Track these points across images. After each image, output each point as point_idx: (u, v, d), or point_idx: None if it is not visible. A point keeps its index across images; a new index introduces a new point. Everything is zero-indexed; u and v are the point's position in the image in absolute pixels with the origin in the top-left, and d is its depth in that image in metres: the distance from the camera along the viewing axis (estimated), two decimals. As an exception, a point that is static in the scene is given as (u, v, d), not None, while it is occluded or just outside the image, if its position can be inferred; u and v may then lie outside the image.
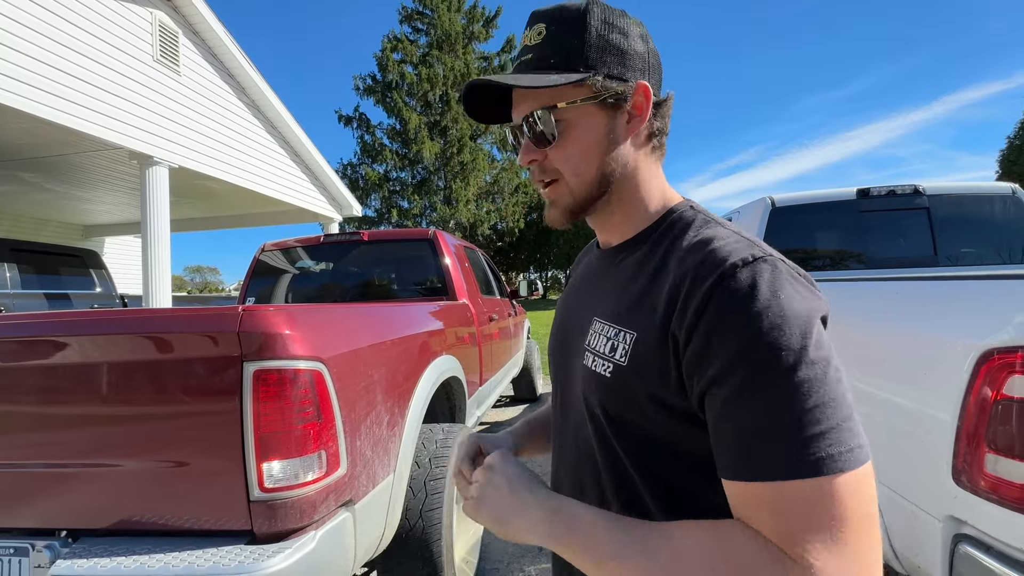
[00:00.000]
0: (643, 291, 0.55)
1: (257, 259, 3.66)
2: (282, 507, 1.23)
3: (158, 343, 1.26)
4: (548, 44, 0.56)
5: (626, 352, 0.53)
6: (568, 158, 0.57)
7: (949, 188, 2.88)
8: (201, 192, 7.41)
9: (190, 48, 6.00)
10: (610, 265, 0.63)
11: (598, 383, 0.56)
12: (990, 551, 1.07)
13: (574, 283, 0.74)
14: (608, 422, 0.56)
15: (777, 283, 0.45)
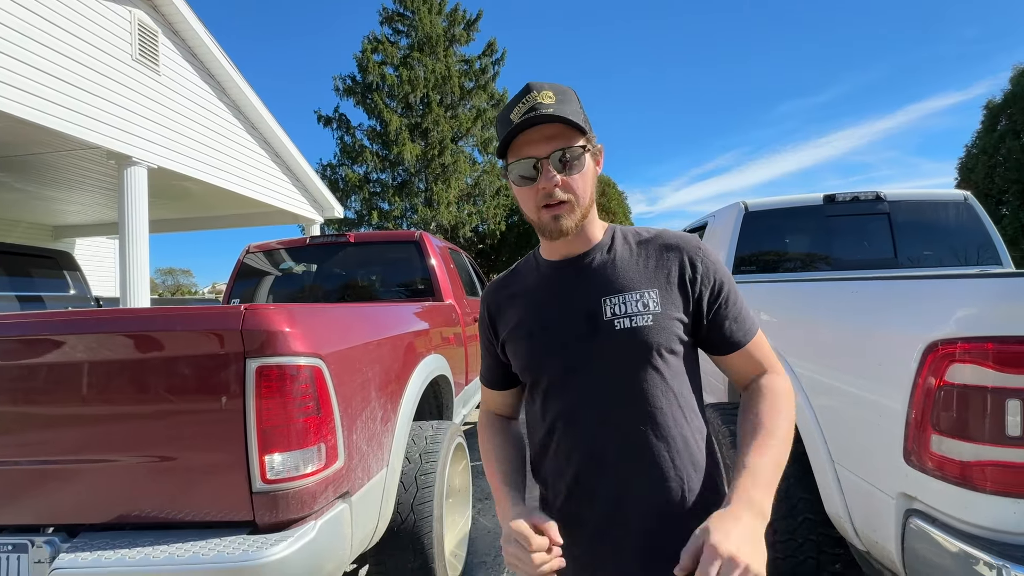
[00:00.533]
0: (645, 264, 0.85)
1: (242, 261, 3.66)
2: (283, 498, 1.29)
3: (163, 341, 1.30)
4: (564, 106, 0.78)
5: (656, 303, 0.81)
6: (579, 185, 0.81)
7: (908, 195, 3.07)
8: (178, 193, 7.29)
9: (170, 48, 5.92)
10: (581, 265, 0.87)
11: (643, 331, 0.79)
12: (935, 523, 1.19)
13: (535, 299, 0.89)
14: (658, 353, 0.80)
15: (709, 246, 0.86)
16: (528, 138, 0.79)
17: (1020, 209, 14.10)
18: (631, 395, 0.80)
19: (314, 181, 8.92)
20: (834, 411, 1.63)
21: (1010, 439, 1.06)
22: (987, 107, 15.21)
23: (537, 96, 0.78)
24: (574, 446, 0.83)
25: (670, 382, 0.81)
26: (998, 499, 1.08)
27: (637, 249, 0.86)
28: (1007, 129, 14.46)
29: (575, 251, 0.87)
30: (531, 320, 0.88)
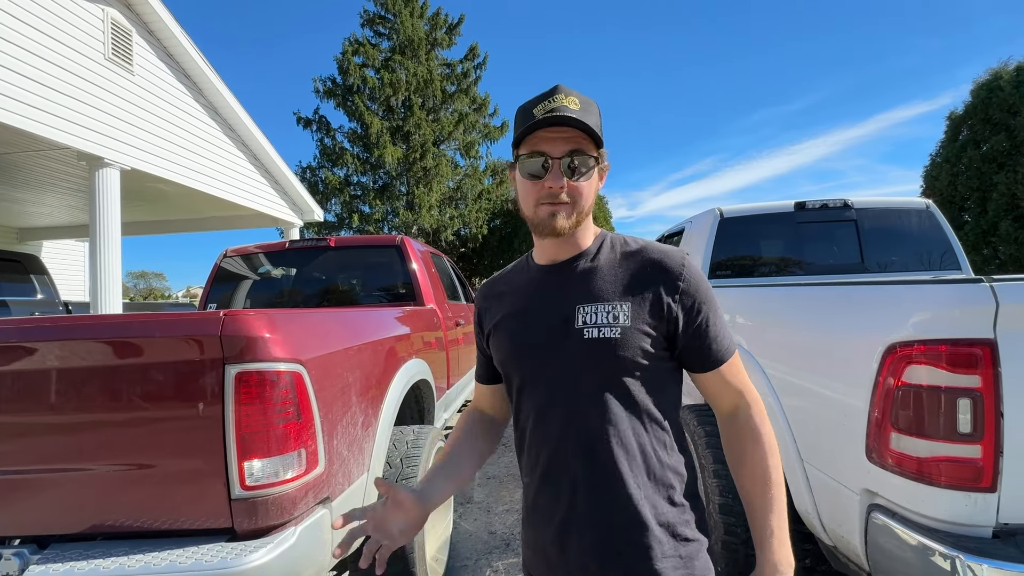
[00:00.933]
0: (624, 276, 0.85)
1: (219, 265, 3.61)
2: (263, 504, 1.28)
3: (139, 347, 1.28)
4: (587, 114, 0.82)
5: (627, 316, 0.81)
6: (584, 192, 0.84)
7: (873, 202, 3.19)
8: (153, 195, 7.13)
9: (144, 47, 5.80)
10: (566, 271, 0.89)
11: (609, 344, 0.80)
12: (896, 517, 1.25)
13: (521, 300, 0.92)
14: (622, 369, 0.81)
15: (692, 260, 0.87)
16: (546, 135, 0.82)
17: (981, 216, 14.71)
18: (593, 403, 0.82)
19: (293, 184, 8.82)
20: (803, 411, 1.69)
21: (961, 436, 1.12)
22: (950, 118, 15.84)
23: (563, 99, 0.81)
24: (542, 444, 0.86)
25: (635, 394, 0.82)
26: (951, 493, 1.14)
27: (620, 260, 0.87)
28: (968, 139, 15.09)
29: (562, 256, 0.89)
30: (513, 318, 0.91)
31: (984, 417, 1.10)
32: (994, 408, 1.10)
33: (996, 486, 1.11)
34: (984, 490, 1.11)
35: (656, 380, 0.84)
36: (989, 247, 14.77)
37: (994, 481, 1.11)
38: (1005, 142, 14.23)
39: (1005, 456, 1.11)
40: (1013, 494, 1.11)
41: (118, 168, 5.30)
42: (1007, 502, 1.11)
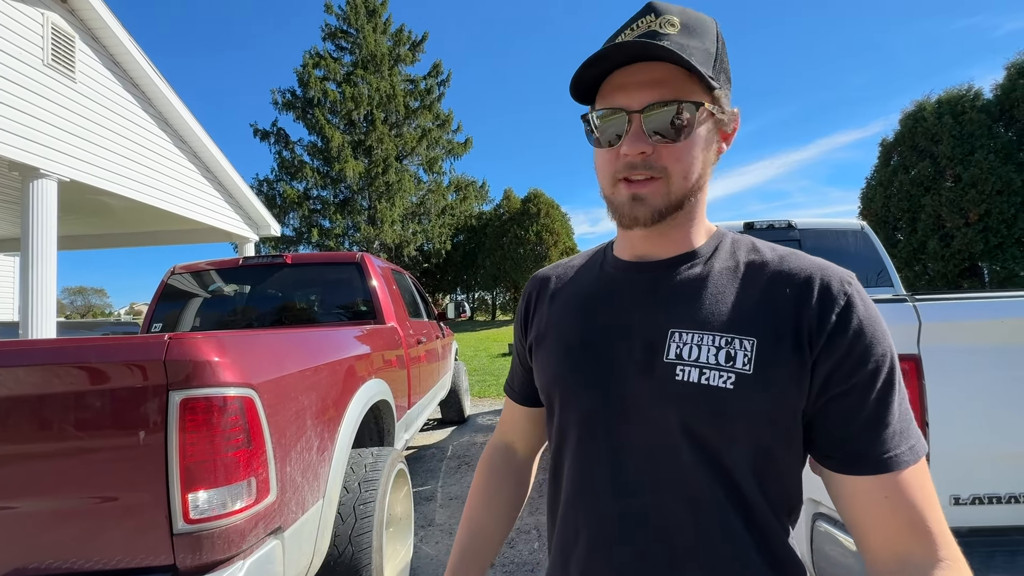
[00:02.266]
0: (751, 298, 0.55)
1: (165, 282, 3.44)
2: (208, 538, 1.22)
3: (76, 374, 1.21)
4: (688, 38, 0.54)
5: (748, 359, 0.52)
6: (681, 159, 0.55)
7: (814, 223, 3.40)
8: (95, 208, 6.75)
9: (88, 54, 5.54)
10: (667, 278, 0.60)
11: (714, 397, 0.52)
12: (837, 524, 1.32)
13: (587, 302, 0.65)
14: (726, 438, 0.53)
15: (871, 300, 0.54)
16: (623, 80, 0.56)
17: (912, 235, 15.89)
18: (670, 480, 0.55)
19: (248, 197, 8.54)
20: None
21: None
22: (882, 144, 17.14)
23: (656, 22, 0.55)
24: (583, 520, 0.60)
25: (739, 483, 0.53)
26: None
27: (745, 271, 0.58)
28: (898, 164, 16.34)
29: (658, 253, 0.62)
30: (572, 329, 0.64)
31: (912, 428, 1.18)
32: (920, 419, 1.18)
33: (924, 492, 1.19)
34: (914, 496, 1.19)
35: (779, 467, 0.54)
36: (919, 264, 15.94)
37: (922, 488, 1.19)
38: (930, 167, 15.49)
39: (931, 464, 1.19)
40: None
41: (55, 179, 5.00)
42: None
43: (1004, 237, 14.56)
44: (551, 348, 0.66)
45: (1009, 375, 1.22)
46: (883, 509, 0.49)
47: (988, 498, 1.20)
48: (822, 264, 0.56)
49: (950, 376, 1.19)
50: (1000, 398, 1.21)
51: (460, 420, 5.63)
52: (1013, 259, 14.55)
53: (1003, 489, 1.20)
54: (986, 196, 14.55)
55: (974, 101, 15.31)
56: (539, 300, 0.73)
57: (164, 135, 6.76)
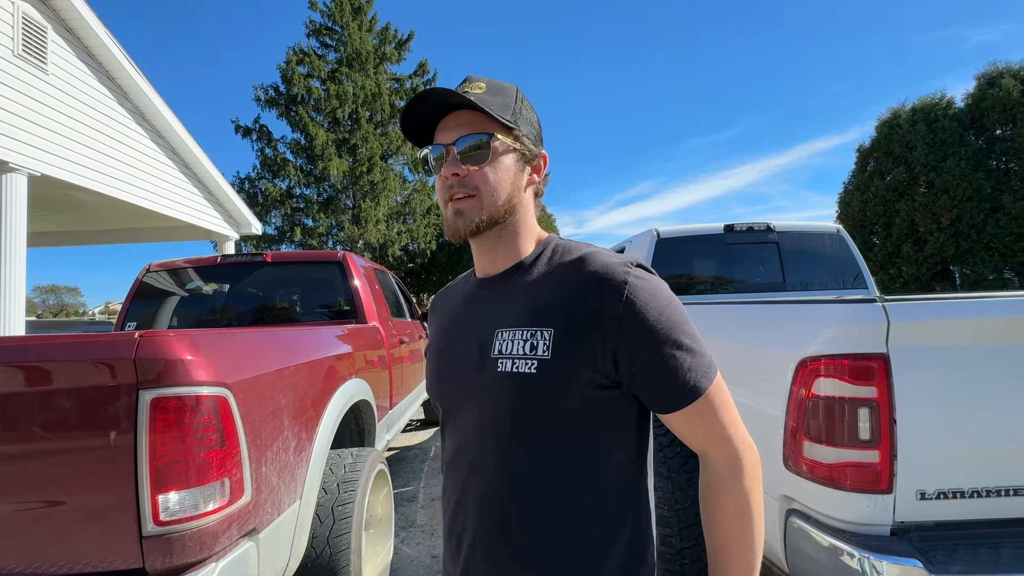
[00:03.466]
0: (552, 296, 0.68)
1: (140, 280, 3.36)
2: (179, 540, 1.19)
3: (43, 373, 1.17)
4: (490, 95, 0.71)
5: (547, 347, 0.65)
6: (488, 180, 0.70)
7: (792, 226, 3.47)
8: (68, 204, 6.56)
9: (62, 45, 5.39)
10: (501, 288, 0.74)
11: (522, 381, 0.65)
12: (810, 520, 1.35)
13: (452, 317, 0.81)
14: (537, 412, 0.66)
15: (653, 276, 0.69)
16: (444, 125, 0.73)
17: (887, 239, 16.30)
18: (497, 455, 0.67)
19: (228, 195, 8.40)
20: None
21: (862, 442, 1.23)
22: (859, 150, 17.56)
23: (467, 85, 0.72)
24: (451, 492, 0.74)
25: (551, 452, 0.66)
26: (856, 495, 1.24)
27: (553, 272, 0.71)
28: (874, 170, 16.75)
29: (496, 268, 0.76)
30: (441, 340, 0.81)
31: (880, 425, 1.21)
32: (888, 416, 1.21)
33: (892, 488, 1.22)
34: (882, 492, 1.22)
35: (592, 432, 0.66)
36: (894, 267, 16.36)
37: (890, 483, 1.22)
38: (904, 174, 15.91)
39: (899, 460, 1.22)
40: (905, 495, 1.22)
41: (26, 174, 4.85)
42: (901, 502, 1.22)
43: (974, 242, 15.03)
44: (429, 357, 0.84)
45: (973, 374, 1.25)
46: (688, 428, 0.68)
47: (953, 493, 1.23)
48: (609, 260, 0.68)
49: (917, 374, 1.22)
50: (965, 396, 1.24)
51: (443, 421, 5.59)
52: (982, 263, 15.03)
53: (967, 484, 1.23)
54: (957, 202, 15.00)
55: (946, 109, 15.78)
56: (432, 316, 0.91)
57: (141, 130, 6.60)
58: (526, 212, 0.76)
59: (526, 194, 0.75)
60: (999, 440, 1.24)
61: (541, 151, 0.77)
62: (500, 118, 0.69)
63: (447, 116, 0.73)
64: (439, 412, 0.81)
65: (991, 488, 1.21)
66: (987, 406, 1.24)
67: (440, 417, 0.81)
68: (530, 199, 0.77)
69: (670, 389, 0.65)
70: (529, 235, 0.76)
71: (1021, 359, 1.24)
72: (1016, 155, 14.84)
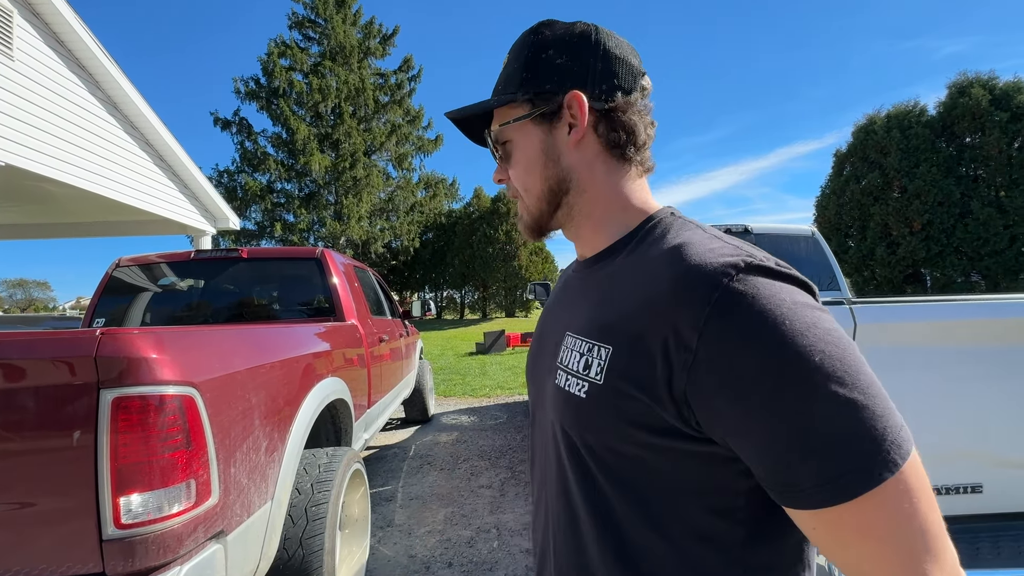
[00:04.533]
0: (619, 302, 0.50)
1: (110, 275, 3.26)
2: (141, 544, 1.16)
3: (1, 371, 1.13)
4: (501, 74, 0.61)
5: (601, 368, 0.48)
6: (517, 176, 0.60)
7: (769, 229, 3.53)
8: (35, 195, 6.34)
9: (28, 31, 5.19)
10: (587, 278, 0.59)
11: (574, 404, 0.50)
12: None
13: (554, 296, 0.70)
14: (585, 447, 0.51)
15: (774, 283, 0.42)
16: None
17: (861, 242, 16.74)
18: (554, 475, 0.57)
19: (205, 188, 8.21)
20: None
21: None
22: (836, 155, 17.98)
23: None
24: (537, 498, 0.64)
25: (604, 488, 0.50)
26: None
27: (639, 266, 0.52)
28: (850, 175, 17.18)
29: (585, 253, 0.62)
30: (539, 328, 0.70)
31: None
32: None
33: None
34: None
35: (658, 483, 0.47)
36: (868, 269, 16.81)
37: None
38: (879, 178, 16.34)
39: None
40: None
41: (-11, 163, 4.67)
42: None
43: (944, 246, 15.53)
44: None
45: (935, 375, 1.29)
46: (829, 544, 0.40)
47: (914, 490, 1.27)
48: (705, 255, 0.45)
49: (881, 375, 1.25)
50: (926, 397, 1.28)
51: (424, 419, 5.58)
52: (952, 266, 15.54)
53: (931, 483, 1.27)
54: (929, 207, 15.48)
55: (919, 117, 16.26)
56: None
57: (113, 120, 6.41)
58: (594, 182, 0.57)
59: (576, 159, 0.56)
60: (958, 439, 1.27)
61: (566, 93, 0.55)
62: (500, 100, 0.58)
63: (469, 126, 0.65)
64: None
65: (948, 485, 1.25)
66: (947, 407, 1.28)
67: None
68: (595, 159, 0.57)
69: (775, 476, 0.40)
70: (619, 209, 0.57)
71: (983, 360, 1.28)
72: (984, 162, 15.38)
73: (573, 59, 0.56)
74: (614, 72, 0.56)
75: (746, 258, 0.44)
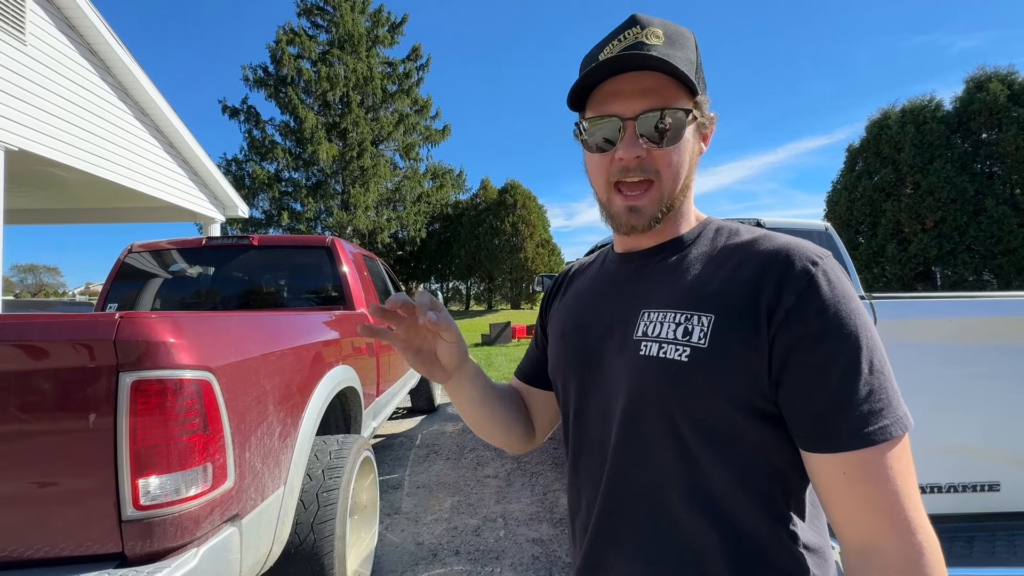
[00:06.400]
0: (714, 279, 0.56)
1: (122, 261, 3.29)
2: (160, 525, 1.17)
3: (19, 353, 1.14)
4: (672, 48, 0.57)
5: (704, 334, 0.53)
6: (672, 163, 0.59)
7: (781, 223, 3.49)
8: (47, 180, 6.38)
9: (40, 15, 5.20)
10: (645, 265, 0.64)
11: (673, 370, 0.54)
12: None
13: (586, 288, 0.72)
14: (683, 409, 0.54)
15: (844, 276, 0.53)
16: (616, 88, 0.59)
17: (872, 239, 16.56)
18: (632, 453, 0.58)
19: (215, 176, 8.23)
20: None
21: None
22: (848, 150, 17.75)
23: (641, 33, 0.57)
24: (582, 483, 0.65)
25: (698, 456, 0.54)
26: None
27: (719, 254, 0.59)
28: (863, 170, 16.96)
29: (643, 244, 0.65)
30: (571, 317, 0.70)
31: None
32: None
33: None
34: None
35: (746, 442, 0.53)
36: (878, 266, 16.65)
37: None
38: (892, 174, 16.13)
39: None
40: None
41: (2, 148, 4.70)
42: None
43: (956, 243, 15.34)
44: (554, 335, 0.73)
45: (954, 372, 1.27)
46: (842, 488, 0.49)
47: (930, 488, 1.26)
48: (791, 244, 0.55)
49: (900, 371, 1.23)
50: (944, 393, 1.26)
51: (430, 409, 5.61)
52: (963, 264, 15.36)
53: (944, 479, 1.26)
54: (942, 204, 15.26)
55: (935, 112, 15.99)
56: (558, 292, 0.80)
57: (124, 106, 6.42)
58: (690, 190, 0.64)
59: (694, 171, 0.63)
60: (976, 437, 1.26)
61: (713, 114, 0.63)
62: (692, 83, 0.57)
63: (621, 77, 0.59)
64: (560, 402, 0.72)
65: (966, 483, 1.24)
66: (965, 403, 1.26)
67: (561, 408, 0.71)
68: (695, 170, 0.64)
69: (833, 412, 0.49)
70: (691, 213, 0.66)
71: (1002, 358, 1.27)
72: (1000, 159, 15.13)
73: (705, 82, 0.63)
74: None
75: (823, 251, 0.55)
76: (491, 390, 0.78)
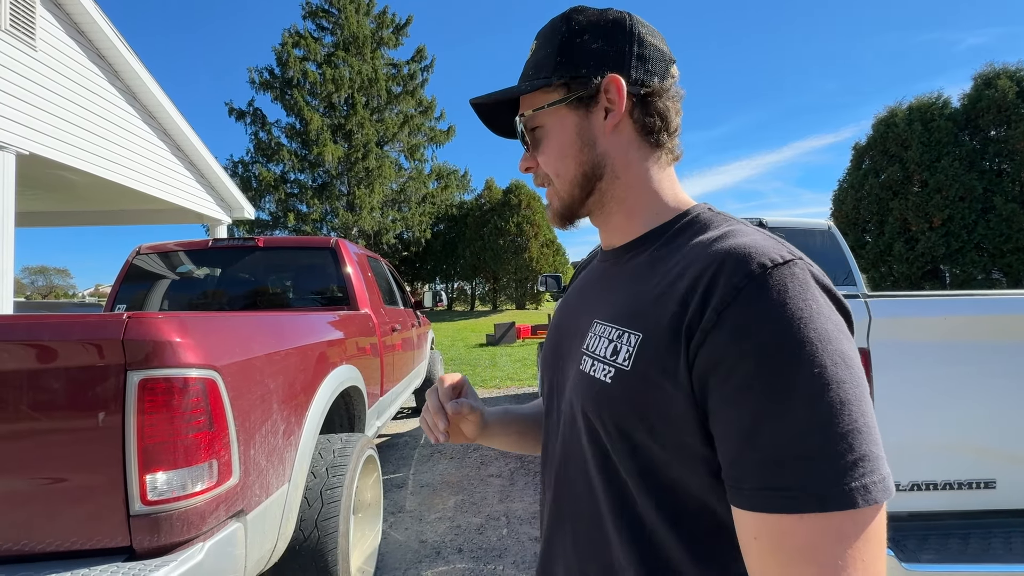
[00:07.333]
0: (654, 290, 0.49)
1: (130, 263, 3.34)
2: (167, 520, 1.21)
3: (30, 352, 1.17)
4: (529, 60, 0.60)
5: (629, 355, 0.47)
6: (548, 162, 0.59)
7: (784, 222, 3.49)
8: (57, 184, 6.47)
9: (51, 21, 5.28)
10: (614, 266, 0.60)
11: (596, 389, 0.50)
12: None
13: (576, 287, 0.70)
14: (606, 433, 0.50)
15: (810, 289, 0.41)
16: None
17: (879, 237, 16.44)
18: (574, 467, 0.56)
19: (221, 178, 8.31)
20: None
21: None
22: (855, 148, 17.62)
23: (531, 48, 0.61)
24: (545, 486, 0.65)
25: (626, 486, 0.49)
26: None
27: (678, 254, 0.51)
28: (869, 168, 16.83)
29: (614, 241, 0.61)
30: (557, 315, 0.69)
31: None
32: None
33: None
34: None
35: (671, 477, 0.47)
36: (885, 265, 16.51)
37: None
38: (899, 172, 15.99)
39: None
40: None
41: (14, 152, 4.78)
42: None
43: (964, 242, 15.19)
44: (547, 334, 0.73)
45: (949, 370, 1.28)
46: (752, 558, 0.40)
47: (926, 485, 1.27)
48: (746, 245, 0.44)
49: (896, 369, 1.25)
50: (940, 391, 1.27)
51: (434, 409, 5.62)
52: (972, 263, 15.20)
53: (939, 477, 1.27)
54: (949, 202, 15.12)
55: (943, 109, 15.84)
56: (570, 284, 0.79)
57: (132, 110, 6.51)
58: (629, 169, 0.57)
59: (612, 145, 0.56)
60: (971, 434, 1.27)
61: (603, 77, 0.54)
62: (532, 86, 0.56)
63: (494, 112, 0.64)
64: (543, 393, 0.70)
65: (962, 480, 1.25)
66: (960, 401, 1.27)
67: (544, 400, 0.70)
68: (630, 145, 0.56)
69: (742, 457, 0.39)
70: (654, 198, 0.57)
71: (998, 356, 1.27)
72: (1009, 157, 14.97)
73: (608, 44, 0.55)
74: (648, 57, 0.56)
75: (787, 255, 0.43)
76: (521, 424, 0.76)
